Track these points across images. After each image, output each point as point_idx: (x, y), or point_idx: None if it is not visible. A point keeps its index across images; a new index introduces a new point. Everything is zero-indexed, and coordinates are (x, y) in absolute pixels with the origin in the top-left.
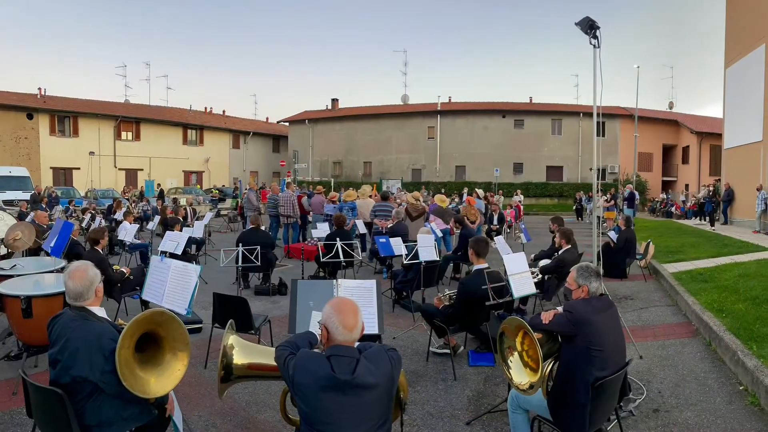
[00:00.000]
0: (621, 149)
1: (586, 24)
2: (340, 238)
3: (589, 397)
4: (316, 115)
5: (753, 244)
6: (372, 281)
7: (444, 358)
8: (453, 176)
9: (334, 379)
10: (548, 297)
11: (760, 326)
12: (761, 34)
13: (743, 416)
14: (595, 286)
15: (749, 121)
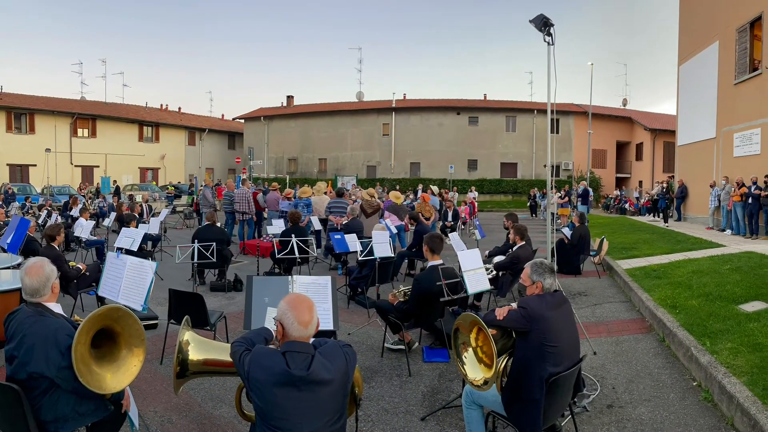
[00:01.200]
0: (575, 146)
1: (540, 21)
2: (295, 235)
3: (543, 392)
4: (271, 112)
5: (706, 241)
6: (327, 277)
7: (399, 354)
8: (408, 173)
9: (289, 375)
10: (502, 293)
11: (713, 322)
12: (714, 32)
13: (696, 412)
14: (549, 283)
15: (702, 118)
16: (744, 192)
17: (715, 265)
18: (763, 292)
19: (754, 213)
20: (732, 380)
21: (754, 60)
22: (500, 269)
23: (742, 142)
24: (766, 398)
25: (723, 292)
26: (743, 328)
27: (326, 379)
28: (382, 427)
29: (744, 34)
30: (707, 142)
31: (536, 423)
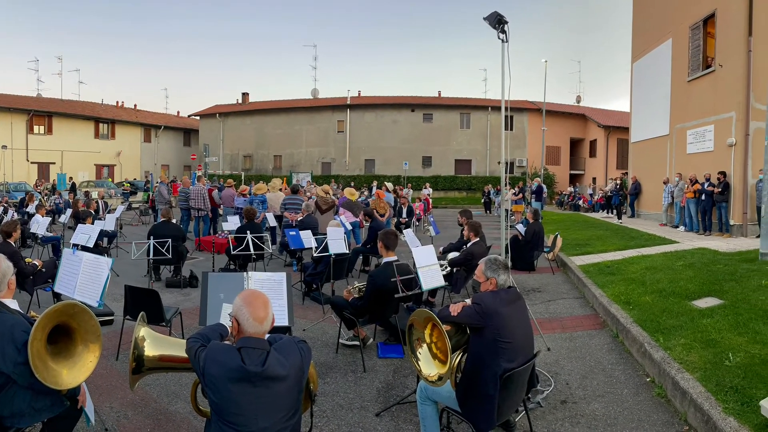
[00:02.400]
0: (529, 143)
1: (494, 19)
2: (250, 231)
3: (497, 388)
4: (226, 109)
5: (659, 237)
6: (282, 274)
7: (353, 350)
8: (362, 170)
9: (245, 371)
10: (457, 289)
11: (666, 318)
12: (667, 29)
13: (650, 407)
14: (503, 279)
15: (656, 115)
16: (697, 189)
17: (669, 262)
18: (715, 288)
19: (707, 209)
20: (685, 376)
21: (707, 57)
22: (454, 265)
23: (696, 139)
24: (719, 394)
25: (676, 289)
26: (696, 324)
27: (281, 374)
28: (336, 422)
29: (697, 32)
30: (661, 139)
31: (490, 418)
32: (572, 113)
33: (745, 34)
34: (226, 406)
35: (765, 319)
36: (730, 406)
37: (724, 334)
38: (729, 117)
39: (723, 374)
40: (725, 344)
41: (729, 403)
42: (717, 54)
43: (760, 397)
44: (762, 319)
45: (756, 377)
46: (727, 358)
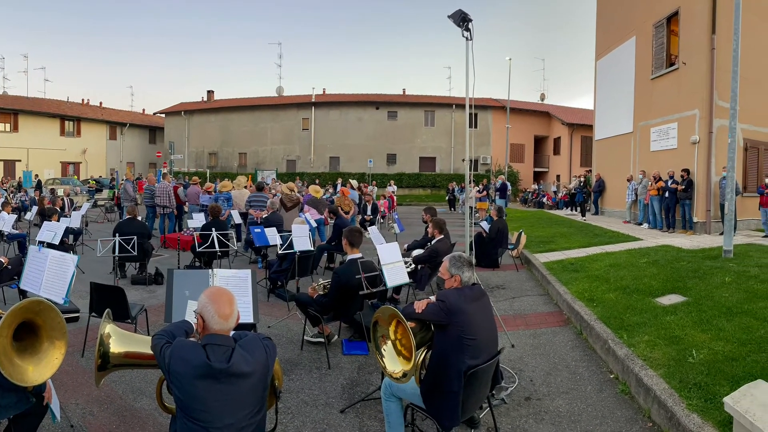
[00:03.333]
0: (493, 140)
1: (458, 17)
2: (215, 229)
3: (461, 385)
4: (192, 107)
5: (623, 234)
6: (247, 271)
7: (318, 346)
8: (327, 167)
9: (210, 368)
10: (421, 286)
11: (630, 315)
12: (631, 27)
13: (614, 404)
14: (468, 276)
15: (619, 112)
16: (661, 186)
17: (632, 259)
18: (679, 285)
19: (671, 207)
20: (649, 373)
21: (670, 55)
22: (419, 263)
23: (659, 136)
24: (683, 391)
25: (640, 286)
26: (660, 321)
27: (246, 371)
28: (301, 419)
29: (661, 29)
30: (624, 137)
31: (454, 415)
32: (536, 111)
33: (709, 32)
34: (191, 403)
35: (728, 316)
36: (693, 403)
37: (688, 331)
38: (692, 115)
39: (686, 371)
40: (689, 341)
41: (693, 400)
42: (681, 52)
43: (723, 393)
44: (725, 316)
45: (719, 374)
46: (691, 355)
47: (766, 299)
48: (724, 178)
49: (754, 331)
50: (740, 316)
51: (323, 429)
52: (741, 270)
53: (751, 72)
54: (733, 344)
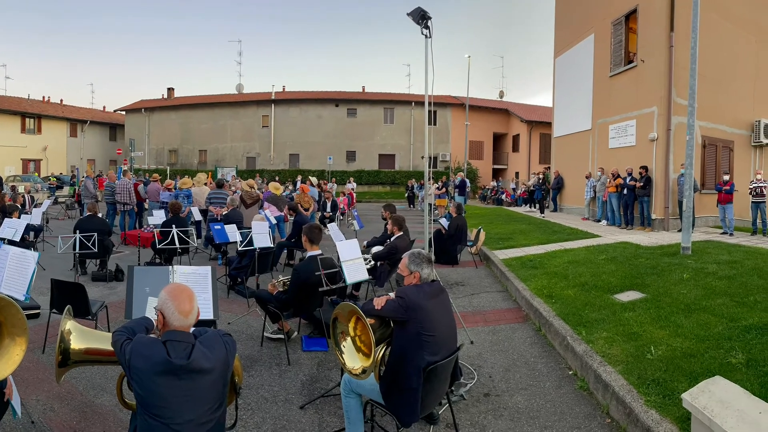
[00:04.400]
0: (452, 138)
1: (417, 14)
2: (175, 225)
3: (420, 381)
4: (152, 104)
5: (582, 231)
6: (207, 268)
7: (278, 343)
8: (287, 164)
9: (170, 364)
10: (380, 283)
11: (588, 312)
12: (590, 24)
13: (572, 400)
14: (427, 273)
15: (578, 110)
16: (619, 183)
17: (591, 256)
18: (637, 282)
19: (629, 204)
20: (607, 369)
21: (629, 52)
22: (378, 259)
23: (618, 133)
24: (641, 387)
25: (598, 282)
26: (618, 318)
27: (206, 367)
28: (261, 415)
29: (619, 27)
30: (583, 134)
31: (414, 411)
32: (495, 108)
33: (667, 29)
34: (151, 399)
35: (686, 312)
36: (651, 399)
37: (646, 328)
38: (651, 112)
39: (645, 367)
40: (647, 337)
41: (651, 396)
42: (639, 49)
43: (681, 390)
44: (683, 313)
45: (677, 370)
46: (649, 351)
47: (724, 296)
48: (683, 175)
49: (712, 327)
50: (698, 312)
51: (283, 425)
52: (699, 267)
53: (709, 70)
54: (692, 341)
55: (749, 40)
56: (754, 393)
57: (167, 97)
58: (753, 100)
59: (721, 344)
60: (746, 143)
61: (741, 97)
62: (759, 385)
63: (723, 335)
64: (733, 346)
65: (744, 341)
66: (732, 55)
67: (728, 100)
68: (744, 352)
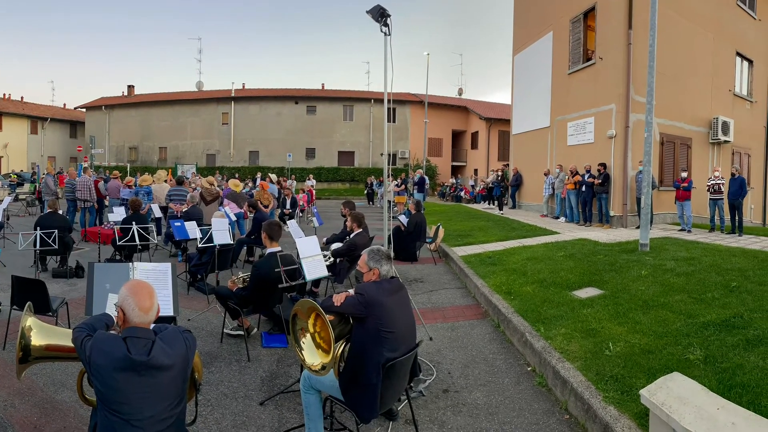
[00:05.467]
0: (411, 135)
1: (377, 12)
2: (135, 222)
3: (380, 377)
4: (112, 102)
5: (540, 228)
6: (167, 264)
7: (238, 339)
8: (247, 161)
9: (130, 360)
10: (340, 280)
11: (547, 308)
12: (548, 22)
13: (531, 396)
14: (386, 269)
15: (537, 107)
16: (578, 180)
17: (550, 252)
18: (595, 278)
19: (588, 201)
20: (566, 365)
21: (587, 50)
22: (338, 256)
23: (576, 131)
24: (600, 383)
25: (557, 279)
26: (577, 314)
27: (166, 364)
28: (221, 411)
29: (578, 25)
30: (542, 131)
31: (373, 407)
32: (454, 105)
33: (625, 27)
34: (111, 395)
35: (644, 309)
36: (610, 395)
37: (605, 324)
38: (609, 109)
39: (603, 364)
40: (605, 334)
41: (609, 392)
42: (597, 47)
43: (639, 386)
44: (641, 309)
45: (636, 366)
46: (607, 347)
47: (681, 292)
48: (641, 172)
49: (670, 324)
50: (656, 309)
51: (243, 421)
52: (657, 263)
53: (667, 67)
54: (650, 337)
55: (707, 37)
56: (712, 389)
57: (127, 94)
58: (711, 97)
59: (679, 341)
60: (704, 140)
61: (699, 95)
62: (717, 381)
63: (681, 332)
64: (691, 342)
65: (702, 338)
66: (690, 53)
67: (686, 97)
68: (702, 349)
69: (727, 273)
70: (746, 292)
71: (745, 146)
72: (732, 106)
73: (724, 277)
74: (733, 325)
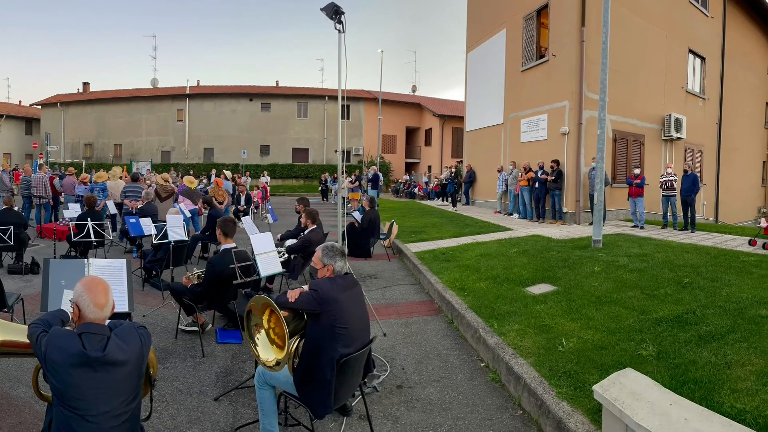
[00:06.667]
0: (365, 132)
1: (331, 9)
2: (91, 219)
3: (334, 373)
4: (68, 99)
5: (494, 224)
6: (122, 260)
7: (192, 335)
8: (201, 158)
9: (85, 356)
10: (294, 276)
11: (500, 304)
12: (502, 19)
13: (484, 392)
14: (340, 265)
15: (490, 104)
16: (531, 177)
17: (503, 249)
18: (549, 274)
19: (541, 197)
20: (519, 361)
21: (540, 47)
22: (292, 252)
23: (529, 127)
24: (553, 379)
25: (510, 275)
26: (530, 310)
27: (121, 360)
28: (176, 407)
29: (531, 22)
30: (495, 128)
31: (327, 403)
32: (408, 102)
33: (578, 24)
34: (67, 391)
35: (597, 305)
36: (563, 391)
37: (558, 320)
38: (562, 106)
39: (556, 359)
40: (558, 330)
41: (562, 388)
42: (550, 44)
43: (592, 381)
44: (594, 305)
45: (589, 362)
46: (561, 343)
47: (634, 288)
48: (594, 168)
49: (623, 320)
50: (609, 305)
51: (197, 417)
52: (610, 260)
53: (620, 64)
54: (602, 333)
55: (660, 34)
56: (665, 385)
57: (83, 91)
58: (664, 94)
59: (632, 336)
60: (657, 137)
61: (652, 92)
62: (669, 377)
63: (634, 328)
64: (643, 338)
65: (654, 333)
66: (643, 50)
67: (639, 94)
68: (654, 345)
69: (680, 269)
70: (699, 289)
71: (698, 143)
72: (685, 103)
73: (677, 274)
74: (685, 321)
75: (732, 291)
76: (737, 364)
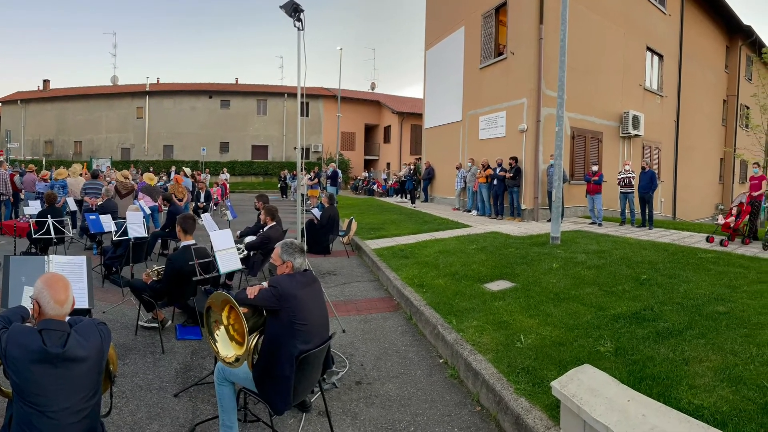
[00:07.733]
0: (324, 129)
1: (290, 7)
2: (51, 216)
3: (293, 369)
4: (28, 96)
5: (452, 221)
6: (82, 257)
7: (152, 331)
8: (161, 155)
9: (45, 352)
10: (253, 272)
11: (459, 301)
12: (460, 17)
13: (443, 388)
14: (299, 262)
15: (449, 101)
16: (489, 174)
17: (461, 245)
18: (507, 271)
19: (499, 194)
20: (477, 357)
21: (499, 45)
22: (251, 249)
23: (488, 125)
24: (511, 375)
25: (469, 272)
26: (489, 307)
27: (81, 356)
28: (136, 403)
29: (489, 20)
30: (453, 125)
31: (286, 399)
32: (367, 100)
33: (537, 22)
34: (27, 387)
35: (555, 301)
36: (521, 387)
37: (516, 317)
38: (521, 103)
39: (515, 356)
40: (517, 326)
41: (521, 384)
42: (509, 42)
43: (550, 378)
44: (553, 302)
45: (547, 359)
46: (519, 340)
47: (592, 285)
48: (552, 165)
49: (581, 316)
50: (567, 301)
51: (157, 412)
52: (568, 256)
53: (578, 62)
54: (561, 329)
55: (618, 32)
56: (623, 381)
57: (43, 88)
58: (622, 91)
59: (590, 333)
60: (615, 134)
61: (610, 89)
62: (627, 373)
63: (592, 324)
64: (601, 334)
65: (612, 330)
66: (601, 48)
67: (597, 91)
68: (612, 341)
69: (638, 266)
70: (656, 285)
71: (656, 140)
72: (642, 101)
73: (635, 270)
74: (643, 318)
75: (689, 287)
76: (695, 360)
